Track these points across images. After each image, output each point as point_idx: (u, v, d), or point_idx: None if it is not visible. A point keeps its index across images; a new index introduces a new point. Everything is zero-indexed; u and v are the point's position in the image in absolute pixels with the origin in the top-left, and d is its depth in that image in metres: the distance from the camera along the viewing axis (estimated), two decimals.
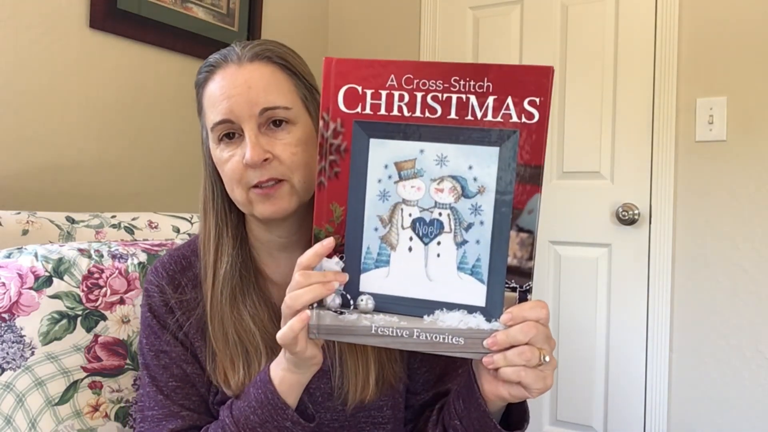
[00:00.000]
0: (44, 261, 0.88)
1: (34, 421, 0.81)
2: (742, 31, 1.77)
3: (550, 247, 2.05)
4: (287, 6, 2.24)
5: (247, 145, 0.71)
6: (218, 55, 0.76)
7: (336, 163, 0.58)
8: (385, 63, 0.56)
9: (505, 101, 0.54)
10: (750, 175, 1.76)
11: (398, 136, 0.57)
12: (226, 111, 0.72)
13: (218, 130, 0.74)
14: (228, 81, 0.73)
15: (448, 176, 0.56)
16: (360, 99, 0.56)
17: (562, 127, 2.03)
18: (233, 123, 0.72)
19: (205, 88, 0.76)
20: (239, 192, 0.74)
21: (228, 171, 0.74)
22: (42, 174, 1.48)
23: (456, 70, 0.55)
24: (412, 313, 0.57)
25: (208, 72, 0.76)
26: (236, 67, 0.74)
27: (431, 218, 0.56)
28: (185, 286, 0.80)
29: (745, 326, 1.77)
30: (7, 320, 0.82)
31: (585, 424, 1.98)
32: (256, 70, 0.73)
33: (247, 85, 0.72)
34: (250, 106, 0.72)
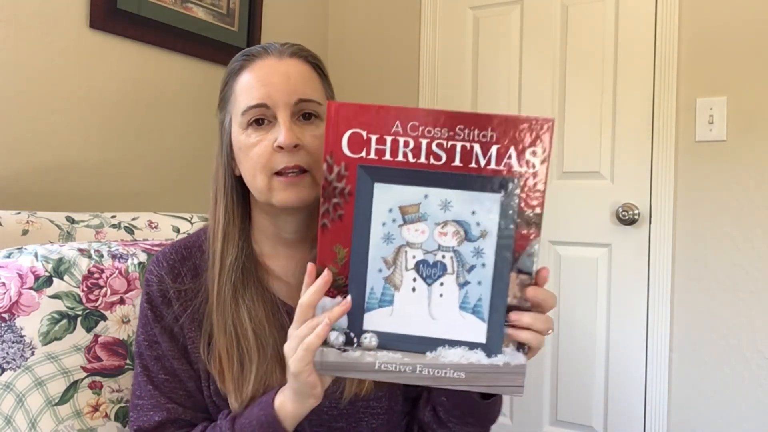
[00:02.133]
0: (44, 261, 0.88)
1: (34, 421, 0.81)
2: (742, 31, 1.78)
3: (550, 247, 2.05)
4: (287, 6, 2.24)
5: (281, 128, 0.74)
6: (258, 48, 0.80)
7: (340, 206, 0.60)
8: (390, 109, 0.58)
9: (508, 151, 0.56)
10: (750, 175, 1.77)
11: (403, 181, 0.59)
12: (264, 96, 0.75)
13: (251, 114, 0.76)
14: (267, 70, 0.77)
15: (452, 221, 0.58)
16: (365, 144, 0.58)
17: (562, 127, 2.03)
18: (268, 108, 0.75)
19: (240, 75, 0.78)
20: (261, 178, 0.75)
21: (254, 155, 0.76)
22: (42, 174, 1.48)
23: (461, 119, 0.57)
24: (415, 349, 0.59)
25: (246, 60, 0.79)
26: (276, 59, 0.78)
27: (435, 260, 0.59)
28: (185, 275, 0.81)
29: (745, 326, 1.77)
30: (7, 320, 0.82)
31: (585, 424, 1.98)
32: (294, 65, 0.78)
33: (287, 75, 0.76)
34: (288, 94, 0.75)
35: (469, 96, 2.19)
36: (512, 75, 2.11)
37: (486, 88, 2.16)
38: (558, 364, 2.03)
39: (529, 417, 2.06)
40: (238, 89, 0.78)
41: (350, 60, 2.38)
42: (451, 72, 2.22)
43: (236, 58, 0.81)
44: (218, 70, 1.95)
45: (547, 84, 2.05)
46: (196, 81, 1.88)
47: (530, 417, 2.06)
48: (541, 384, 2.05)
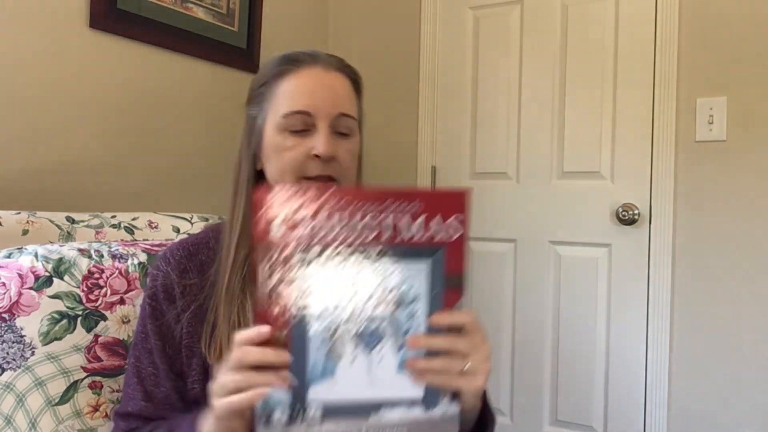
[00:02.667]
0: (44, 261, 0.88)
1: (34, 421, 0.81)
2: (742, 31, 1.78)
3: (550, 247, 2.05)
4: (287, 6, 2.24)
5: (321, 138, 0.77)
6: (305, 54, 0.82)
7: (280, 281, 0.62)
8: (322, 189, 0.60)
9: (433, 220, 0.61)
10: (750, 175, 1.77)
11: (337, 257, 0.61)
12: (309, 104, 0.78)
13: (293, 119, 0.78)
14: (315, 79, 0.80)
15: (387, 290, 0.61)
16: (300, 222, 0.60)
17: (562, 127, 2.03)
18: (310, 116, 0.78)
19: (285, 78, 0.80)
20: (290, 179, 0.79)
21: (288, 158, 0.78)
22: (42, 174, 1.48)
23: (390, 194, 0.60)
24: (359, 415, 0.61)
25: (293, 65, 0.81)
26: (323, 70, 0.81)
27: (372, 329, 0.61)
28: (191, 271, 0.82)
29: (745, 326, 1.77)
30: (7, 320, 0.82)
31: (585, 424, 1.98)
32: (339, 79, 0.82)
33: (333, 88, 0.80)
34: (332, 106, 0.79)
35: (469, 96, 2.19)
36: (512, 75, 2.11)
37: (486, 88, 2.16)
38: (558, 364, 2.03)
39: (529, 417, 2.06)
40: (281, 91, 0.80)
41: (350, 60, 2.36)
42: (451, 72, 2.22)
43: (280, 59, 0.83)
44: (218, 70, 1.95)
45: (547, 84, 2.05)
46: (195, 81, 1.88)
47: (530, 417, 2.06)
48: (541, 384, 2.05)
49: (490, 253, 2.14)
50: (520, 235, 2.09)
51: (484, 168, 2.16)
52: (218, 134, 1.97)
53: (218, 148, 1.98)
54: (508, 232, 2.11)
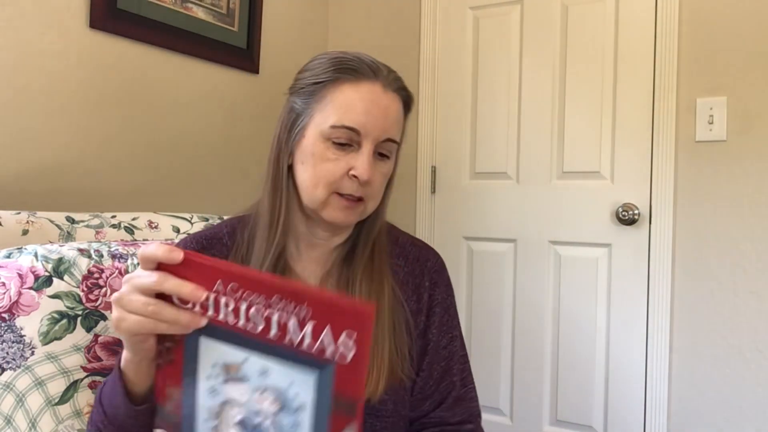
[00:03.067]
0: (44, 261, 0.87)
1: (34, 421, 0.81)
2: (742, 31, 1.78)
3: (550, 247, 2.05)
4: (287, 6, 2.24)
5: (364, 161, 0.77)
6: (366, 65, 0.79)
7: (171, 350, 0.59)
8: (213, 266, 0.56)
9: (323, 330, 0.53)
10: (750, 175, 1.77)
11: (225, 340, 0.57)
12: (361, 123, 0.77)
13: (341, 133, 0.77)
14: (373, 97, 0.78)
15: (271, 388, 0.56)
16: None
17: (562, 127, 2.03)
18: (358, 135, 0.77)
19: (343, 85, 0.78)
20: (322, 191, 0.78)
21: (325, 170, 0.78)
22: (42, 174, 1.48)
23: (278, 289, 0.54)
24: None
25: (353, 76, 0.79)
26: (382, 89, 0.79)
27: (256, 422, 0.57)
28: None
29: (745, 326, 1.77)
30: (7, 320, 0.82)
31: (585, 424, 1.98)
32: (395, 102, 0.81)
33: (386, 111, 0.79)
34: (381, 130, 0.79)
35: (469, 96, 2.19)
36: (512, 75, 2.11)
37: (486, 88, 2.16)
38: (558, 364, 2.03)
39: (529, 417, 2.06)
40: (336, 99, 0.78)
41: None
42: (451, 72, 2.22)
43: (339, 61, 0.80)
44: (218, 70, 1.95)
45: (547, 84, 2.05)
46: (196, 81, 1.88)
47: (530, 417, 2.06)
48: (541, 384, 2.05)
49: (490, 253, 2.14)
50: (520, 235, 2.09)
51: (484, 168, 2.16)
52: (218, 134, 1.97)
53: (218, 148, 1.98)
54: (508, 232, 2.11)
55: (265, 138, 2.13)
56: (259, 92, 2.12)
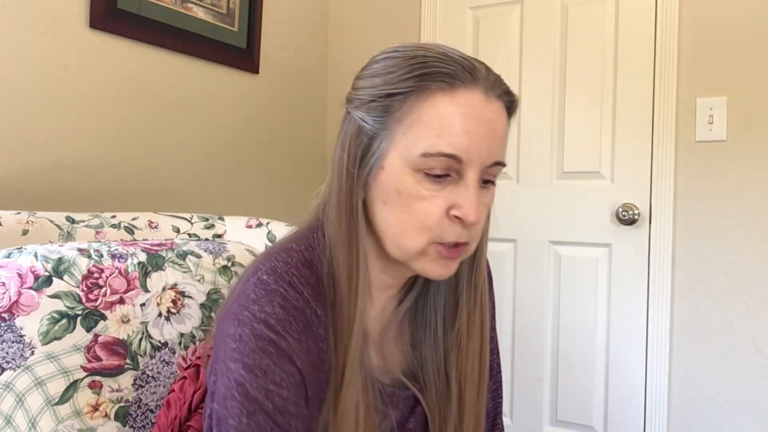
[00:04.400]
0: (44, 261, 0.88)
1: (34, 421, 0.81)
2: (742, 31, 1.78)
3: (550, 247, 2.05)
4: (287, 6, 2.24)
5: (470, 198, 0.60)
6: (460, 66, 0.60)
7: None
8: None
9: None
10: (750, 175, 1.77)
11: None
12: (463, 148, 0.59)
13: (434, 162, 0.59)
14: (473, 111, 0.59)
15: None
16: None
17: (562, 127, 2.03)
18: (460, 163, 0.60)
19: (433, 98, 0.60)
20: (417, 240, 0.61)
21: (419, 212, 0.61)
22: (42, 174, 1.48)
23: None
24: None
25: (445, 82, 0.59)
26: (483, 98, 0.60)
27: None
28: (312, 352, 0.62)
29: (745, 326, 1.77)
30: (7, 320, 0.82)
31: (585, 424, 1.98)
32: (499, 113, 0.62)
33: (492, 128, 0.61)
34: (488, 153, 0.61)
35: None
36: (512, 75, 2.11)
37: None
38: (558, 364, 2.03)
39: (529, 417, 2.06)
40: (425, 116, 0.59)
41: (350, 60, 2.37)
42: None
43: (422, 62, 0.60)
44: (218, 70, 1.95)
45: (547, 84, 2.05)
46: (195, 81, 1.88)
47: (530, 417, 2.06)
48: (541, 384, 2.05)
49: (490, 253, 2.12)
50: (520, 235, 2.09)
51: None
52: (218, 134, 1.97)
53: (218, 148, 1.98)
54: (508, 232, 2.11)
55: (266, 137, 2.14)
56: (259, 92, 2.12)
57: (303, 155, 2.32)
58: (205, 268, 1.04)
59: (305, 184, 2.29)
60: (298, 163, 2.31)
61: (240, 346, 0.59)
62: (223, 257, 1.10)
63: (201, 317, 1.00)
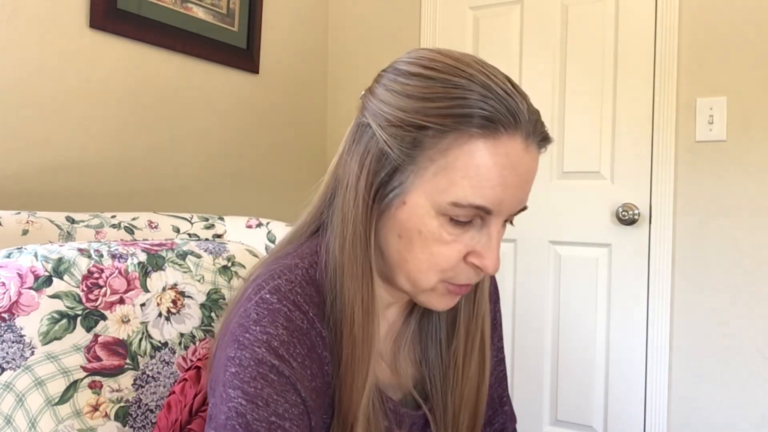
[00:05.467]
0: (44, 261, 0.88)
1: (34, 421, 0.81)
2: (742, 31, 1.78)
3: (550, 247, 2.05)
4: (287, 6, 2.24)
5: (493, 252, 0.58)
6: (505, 109, 0.55)
7: None
8: None
9: None
10: (750, 174, 1.77)
11: None
12: (495, 201, 0.57)
13: (463, 212, 0.57)
14: (513, 162, 0.56)
15: None
16: None
17: (562, 127, 2.03)
18: (487, 213, 0.58)
19: (470, 144, 0.55)
20: (431, 279, 0.60)
21: (439, 255, 0.58)
22: (42, 174, 1.48)
23: None
24: None
25: (488, 130, 0.55)
26: (523, 146, 0.56)
27: None
28: (316, 377, 0.60)
29: (745, 326, 1.77)
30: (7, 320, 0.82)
31: (585, 424, 1.98)
32: (535, 161, 0.59)
33: (526, 178, 0.58)
34: (518, 203, 0.59)
35: None
36: (512, 75, 2.11)
37: None
38: (558, 364, 2.03)
39: (529, 417, 2.06)
40: (461, 163, 0.55)
41: (350, 60, 2.38)
42: None
43: (466, 97, 0.55)
44: (218, 70, 1.95)
45: (547, 84, 2.05)
46: (195, 81, 1.88)
47: (530, 417, 2.06)
48: (541, 384, 2.05)
49: None
50: (520, 235, 2.09)
51: None
52: (218, 134, 1.97)
53: (218, 148, 1.98)
54: (508, 232, 2.11)
55: (265, 138, 2.14)
56: (259, 92, 2.12)
57: (303, 155, 2.32)
58: (205, 268, 1.04)
59: (305, 184, 2.28)
60: (298, 163, 2.31)
61: (240, 371, 0.56)
62: (223, 257, 1.10)
63: (201, 317, 1.00)
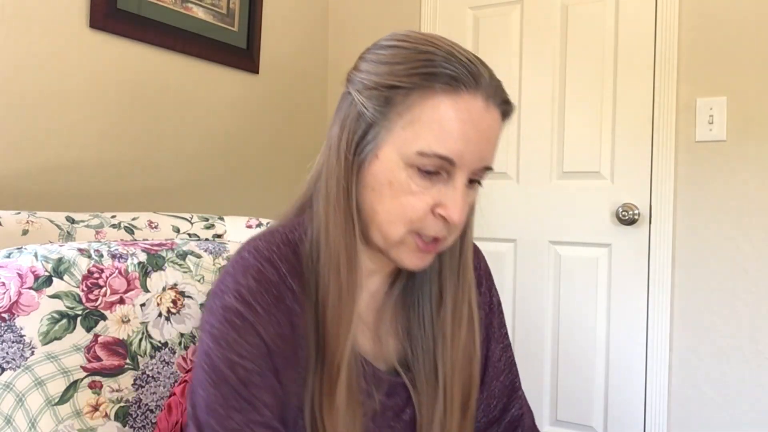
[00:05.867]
0: (44, 261, 0.88)
1: (34, 421, 0.81)
2: (742, 31, 1.78)
3: (550, 247, 2.04)
4: (287, 6, 2.24)
5: (457, 201, 0.62)
6: (465, 70, 0.61)
7: None
8: None
9: None
10: (750, 175, 1.77)
11: None
12: (458, 152, 0.61)
13: (428, 162, 0.62)
14: (472, 117, 0.61)
15: None
16: None
17: (562, 127, 2.03)
18: (452, 165, 0.62)
19: (435, 98, 0.61)
20: (400, 229, 0.64)
21: (407, 205, 0.63)
22: (42, 174, 1.48)
23: None
24: None
25: (450, 86, 0.61)
26: (483, 105, 0.62)
27: None
28: (282, 325, 0.64)
29: (745, 326, 1.77)
30: (7, 320, 0.82)
31: (585, 424, 1.98)
32: (496, 121, 0.64)
33: (487, 135, 0.63)
34: (480, 159, 0.63)
35: None
36: (512, 75, 2.11)
37: None
38: (558, 364, 2.03)
39: None
40: (426, 116, 0.61)
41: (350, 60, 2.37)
42: None
43: (432, 59, 0.61)
44: (218, 70, 1.95)
45: (547, 84, 2.05)
46: (195, 81, 1.88)
47: None
48: (541, 384, 2.05)
49: (490, 253, 2.12)
50: (520, 235, 2.09)
51: None
52: (218, 134, 1.97)
53: (218, 148, 1.98)
54: (508, 232, 2.11)
55: (266, 137, 2.14)
56: (259, 92, 2.12)
57: (303, 155, 2.32)
58: (205, 268, 1.05)
59: None
60: (298, 163, 2.31)
61: (210, 317, 0.63)
62: (223, 257, 1.10)
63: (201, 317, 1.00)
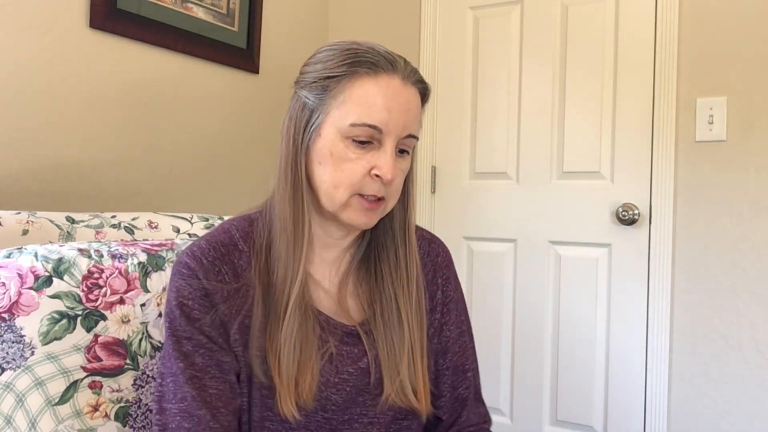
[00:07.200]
0: (44, 261, 0.87)
1: (34, 421, 0.81)
2: (743, 31, 1.78)
3: (550, 247, 2.04)
4: (287, 6, 2.24)
5: (387, 160, 0.74)
6: (382, 57, 0.75)
7: None
8: None
9: None
10: (750, 174, 1.77)
11: None
12: (383, 120, 0.74)
13: (361, 131, 0.74)
14: (392, 92, 0.74)
15: None
16: None
17: (562, 127, 2.03)
18: (379, 132, 0.74)
19: (362, 80, 0.74)
20: (344, 192, 0.75)
21: (347, 170, 0.75)
22: (42, 174, 1.48)
23: None
24: None
25: (371, 69, 0.74)
26: (401, 83, 0.76)
27: None
28: (226, 274, 0.77)
29: (745, 326, 1.77)
30: (7, 320, 0.82)
31: (585, 424, 1.98)
32: (414, 96, 0.77)
33: (407, 106, 0.75)
34: (403, 127, 0.75)
35: (469, 96, 2.19)
36: (512, 75, 2.11)
37: (486, 88, 2.16)
38: (558, 364, 2.03)
39: (529, 417, 2.06)
40: (353, 95, 0.74)
41: None
42: (451, 72, 2.22)
43: (353, 54, 0.75)
44: (218, 70, 1.95)
45: (547, 84, 2.05)
46: (195, 81, 1.88)
47: (530, 417, 2.06)
48: (541, 384, 2.05)
49: (490, 253, 2.14)
50: (520, 235, 2.09)
51: (484, 168, 2.16)
52: (218, 134, 1.97)
53: (218, 148, 1.98)
54: (508, 232, 2.11)
55: (266, 137, 2.14)
56: (259, 92, 2.12)
57: None
58: None
59: None
60: None
61: (170, 281, 0.78)
62: None
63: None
